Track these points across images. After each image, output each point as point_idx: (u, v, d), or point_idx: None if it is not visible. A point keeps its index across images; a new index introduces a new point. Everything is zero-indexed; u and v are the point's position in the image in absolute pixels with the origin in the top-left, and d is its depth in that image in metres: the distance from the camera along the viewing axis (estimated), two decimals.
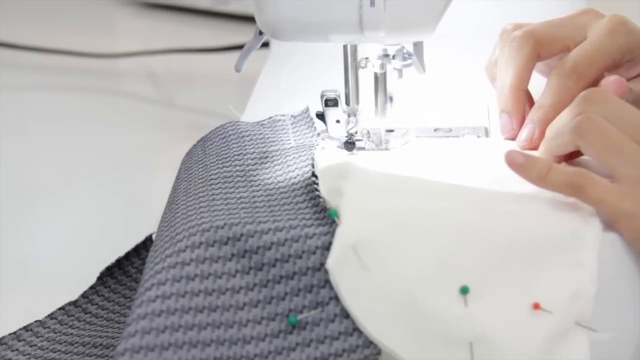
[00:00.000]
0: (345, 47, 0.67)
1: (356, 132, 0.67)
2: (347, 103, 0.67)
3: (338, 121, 0.67)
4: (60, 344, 0.63)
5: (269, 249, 0.54)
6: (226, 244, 0.54)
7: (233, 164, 0.64)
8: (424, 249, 0.53)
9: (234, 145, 0.67)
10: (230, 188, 0.61)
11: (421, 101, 0.75)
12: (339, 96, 0.66)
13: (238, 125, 0.70)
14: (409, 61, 0.66)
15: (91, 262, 0.68)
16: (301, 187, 0.60)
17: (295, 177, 0.62)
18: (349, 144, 0.67)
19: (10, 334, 0.64)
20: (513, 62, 0.67)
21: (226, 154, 0.67)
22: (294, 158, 0.64)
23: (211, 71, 1.23)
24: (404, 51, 0.66)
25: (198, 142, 0.71)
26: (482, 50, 0.72)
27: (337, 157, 0.64)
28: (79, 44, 1.24)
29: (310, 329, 0.52)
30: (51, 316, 0.67)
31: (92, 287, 0.69)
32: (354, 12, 0.62)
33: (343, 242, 0.53)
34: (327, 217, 0.55)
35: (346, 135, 0.67)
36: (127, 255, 0.71)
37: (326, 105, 0.66)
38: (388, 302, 0.52)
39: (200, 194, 0.61)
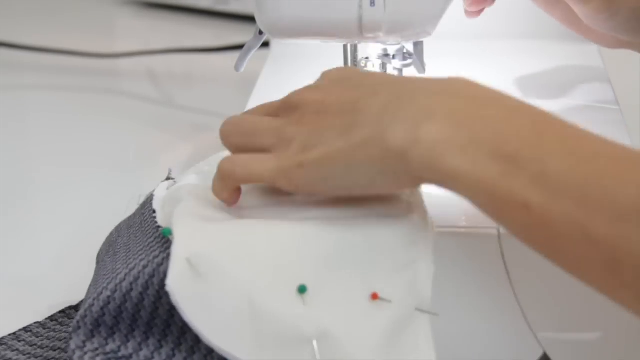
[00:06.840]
0: (345, 46, 0.67)
1: None
2: None
3: None
4: (61, 340, 0.63)
5: (157, 310, 0.54)
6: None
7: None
8: (259, 254, 0.53)
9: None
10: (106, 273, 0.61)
11: None
12: None
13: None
14: (409, 61, 0.66)
15: (91, 263, 0.67)
16: (149, 228, 0.60)
17: (145, 222, 0.61)
18: None
19: (10, 335, 0.64)
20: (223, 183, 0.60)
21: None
22: (147, 211, 0.63)
23: (211, 71, 1.23)
24: (404, 51, 0.66)
25: None
26: (481, 50, 0.73)
27: (172, 187, 0.62)
28: (79, 44, 1.24)
29: None
30: (51, 318, 0.67)
31: None
32: (354, 11, 0.62)
33: (177, 256, 0.52)
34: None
35: None
36: None
37: None
38: (228, 309, 0.51)
39: None
